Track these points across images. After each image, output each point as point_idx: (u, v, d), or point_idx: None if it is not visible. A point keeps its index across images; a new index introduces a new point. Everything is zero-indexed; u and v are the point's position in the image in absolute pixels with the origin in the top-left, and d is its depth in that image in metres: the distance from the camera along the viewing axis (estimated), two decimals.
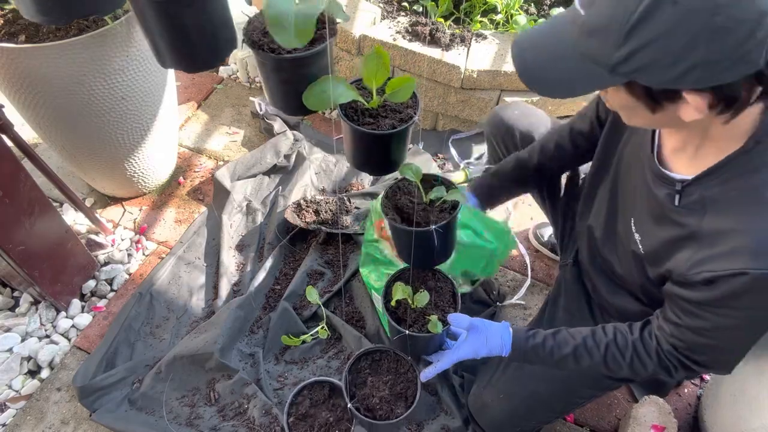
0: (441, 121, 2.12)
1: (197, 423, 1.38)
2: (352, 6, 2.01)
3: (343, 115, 0.88)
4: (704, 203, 0.78)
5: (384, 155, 0.93)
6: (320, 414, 1.20)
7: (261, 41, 0.78)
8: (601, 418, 1.46)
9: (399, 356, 1.18)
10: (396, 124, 0.88)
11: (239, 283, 1.68)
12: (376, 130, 0.86)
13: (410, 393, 1.14)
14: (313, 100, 0.81)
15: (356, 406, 1.10)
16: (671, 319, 0.86)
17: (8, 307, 1.59)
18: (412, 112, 0.90)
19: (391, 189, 1.07)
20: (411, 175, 0.99)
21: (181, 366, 1.45)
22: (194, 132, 2.12)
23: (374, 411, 1.11)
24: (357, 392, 1.14)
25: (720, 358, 0.86)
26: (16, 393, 1.44)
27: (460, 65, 1.86)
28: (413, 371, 1.17)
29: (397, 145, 0.91)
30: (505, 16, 2.08)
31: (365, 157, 0.95)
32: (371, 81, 0.87)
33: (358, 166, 0.98)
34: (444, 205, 1.03)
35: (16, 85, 1.37)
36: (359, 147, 0.92)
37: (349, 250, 1.75)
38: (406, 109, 0.91)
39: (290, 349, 1.53)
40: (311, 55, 0.78)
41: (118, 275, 1.68)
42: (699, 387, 1.51)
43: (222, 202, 1.85)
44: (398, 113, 0.91)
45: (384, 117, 0.89)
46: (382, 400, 1.12)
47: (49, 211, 1.43)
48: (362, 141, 0.90)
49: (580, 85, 0.71)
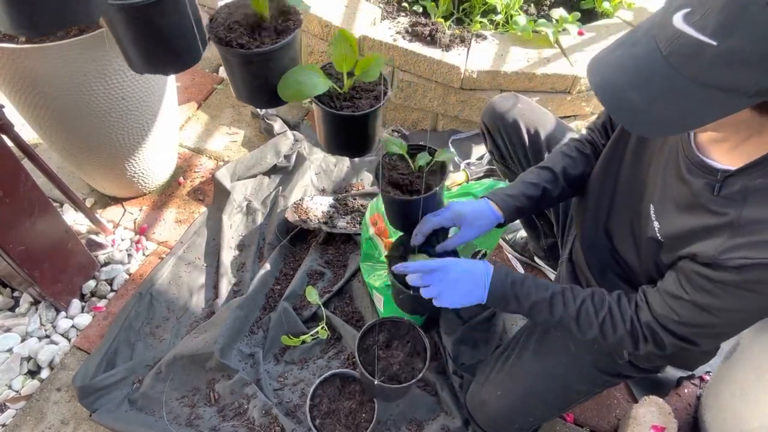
0: (441, 122, 2.12)
1: (197, 423, 1.38)
2: (352, 6, 2.01)
3: (321, 104, 0.88)
4: (746, 193, 0.78)
5: (365, 135, 0.94)
6: (342, 406, 1.24)
7: (228, 37, 0.78)
8: (601, 418, 1.46)
9: (396, 321, 1.21)
10: (373, 103, 0.89)
11: (239, 283, 1.68)
12: (357, 111, 0.87)
13: (420, 348, 1.18)
14: (289, 92, 0.81)
15: (381, 380, 1.13)
16: (673, 292, 0.86)
17: (8, 307, 1.59)
18: (384, 88, 0.91)
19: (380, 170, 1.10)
20: (397, 149, 1.05)
21: (181, 366, 1.45)
22: (194, 132, 2.12)
23: (398, 377, 1.14)
24: (374, 369, 1.16)
25: (711, 335, 0.88)
26: (16, 393, 1.44)
27: (460, 66, 1.86)
28: (414, 328, 1.22)
29: (375, 122, 0.93)
30: (505, 17, 2.08)
31: (345, 140, 0.96)
32: (342, 65, 0.87)
33: (338, 151, 0.99)
34: (433, 167, 1.07)
35: (17, 86, 1.37)
36: (341, 131, 0.94)
37: (349, 250, 1.75)
38: (377, 86, 0.93)
39: (290, 349, 1.53)
40: (280, 48, 0.78)
41: (118, 275, 1.68)
42: (699, 387, 1.51)
43: (222, 202, 1.85)
44: (371, 92, 0.92)
45: (359, 98, 0.91)
46: (402, 363, 1.15)
47: (49, 211, 1.43)
48: (344, 125, 0.91)
49: (697, 116, 0.67)
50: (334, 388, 1.26)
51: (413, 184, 1.06)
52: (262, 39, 0.80)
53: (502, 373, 1.21)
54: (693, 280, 0.84)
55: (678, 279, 0.87)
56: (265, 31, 0.81)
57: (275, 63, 0.81)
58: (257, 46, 0.78)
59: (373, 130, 0.94)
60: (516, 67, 1.88)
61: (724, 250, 0.78)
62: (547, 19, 2.05)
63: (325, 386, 1.28)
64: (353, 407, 1.25)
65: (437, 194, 1.08)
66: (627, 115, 0.71)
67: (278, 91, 0.82)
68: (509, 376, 1.20)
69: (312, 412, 1.25)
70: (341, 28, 1.02)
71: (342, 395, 1.27)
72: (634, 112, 0.69)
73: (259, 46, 0.78)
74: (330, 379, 1.29)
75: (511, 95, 1.41)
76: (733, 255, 0.77)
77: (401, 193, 1.06)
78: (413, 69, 1.94)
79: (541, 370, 1.17)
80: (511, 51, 1.94)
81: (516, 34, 1.99)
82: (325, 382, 1.27)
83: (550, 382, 1.16)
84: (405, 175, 1.08)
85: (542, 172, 1.15)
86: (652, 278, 0.98)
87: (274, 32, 0.82)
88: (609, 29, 2.04)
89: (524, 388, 1.17)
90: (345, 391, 1.28)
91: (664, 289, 0.89)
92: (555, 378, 1.16)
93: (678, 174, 0.88)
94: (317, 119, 0.93)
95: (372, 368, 1.15)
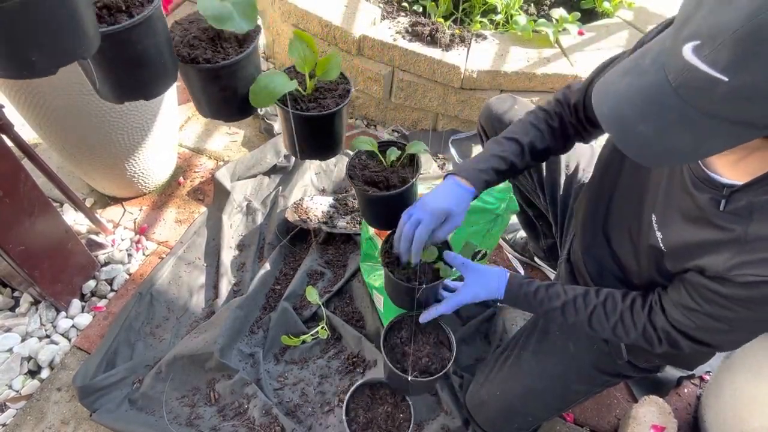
0: (441, 122, 2.12)
1: (197, 423, 1.38)
2: (352, 6, 2.01)
3: (285, 108, 0.87)
4: (752, 209, 0.76)
5: (334, 134, 0.94)
6: (378, 412, 1.25)
7: (192, 54, 0.77)
8: (601, 418, 1.46)
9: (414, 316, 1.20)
10: (338, 101, 0.89)
11: (239, 283, 1.68)
12: (324, 111, 0.87)
13: (443, 337, 1.19)
14: (260, 98, 0.81)
15: (415, 375, 1.13)
16: (686, 304, 0.86)
17: (8, 307, 1.59)
18: (347, 86, 0.91)
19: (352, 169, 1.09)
20: (368, 146, 1.05)
21: (181, 366, 1.45)
22: (194, 132, 2.12)
23: (429, 369, 1.15)
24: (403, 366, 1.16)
25: (729, 341, 0.89)
26: (16, 393, 1.44)
27: (460, 65, 1.86)
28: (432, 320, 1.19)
29: (341, 120, 0.93)
30: (505, 17, 2.08)
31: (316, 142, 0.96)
32: (303, 66, 0.87)
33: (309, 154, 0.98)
34: (405, 161, 1.08)
35: (17, 85, 1.37)
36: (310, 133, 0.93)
37: (349, 250, 1.75)
38: (339, 85, 0.92)
39: (290, 349, 1.53)
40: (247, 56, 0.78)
41: (118, 275, 1.68)
42: (699, 387, 1.51)
43: (222, 202, 1.85)
44: (334, 91, 0.92)
45: (323, 98, 0.90)
46: (430, 355, 1.16)
47: (49, 211, 1.43)
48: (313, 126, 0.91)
49: (706, 147, 0.66)
50: (364, 397, 1.27)
51: (388, 180, 1.05)
52: (226, 51, 0.79)
53: (502, 373, 1.21)
54: (703, 294, 0.83)
55: (688, 292, 0.86)
56: (227, 41, 0.80)
57: (242, 72, 0.80)
58: (223, 59, 0.77)
59: (342, 129, 0.95)
60: (516, 67, 1.88)
61: (731, 267, 0.77)
62: (547, 18, 2.05)
63: (356, 398, 1.28)
64: (389, 410, 1.26)
65: (412, 187, 1.07)
66: (635, 147, 0.69)
67: (251, 101, 0.82)
68: (508, 375, 1.20)
69: (351, 426, 1.25)
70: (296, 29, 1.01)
71: (374, 402, 1.28)
72: (642, 145, 0.68)
73: (225, 57, 0.77)
74: (359, 389, 1.29)
75: (509, 96, 1.40)
76: (743, 272, 0.76)
77: (378, 190, 1.05)
78: (413, 69, 1.94)
79: (540, 370, 1.17)
80: (511, 51, 1.94)
81: (516, 33, 1.99)
82: (355, 394, 1.28)
83: (549, 382, 1.17)
84: (377, 172, 1.07)
85: (510, 143, 1.10)
86: (652, 281, 0.98)
87: (236, 42, 0.80)
88: (609, 29, 2.04)
89: (523, 387, 1.17)
90: (376, 397, 1.28)
91: (677, 300, 0.89)
92: (554, 378, 1.16)
93: (683, 186, 0.87)
94: (283, 125, 0.92)
95: (401, 366, 1.15)
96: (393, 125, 2.16)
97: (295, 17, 2.04)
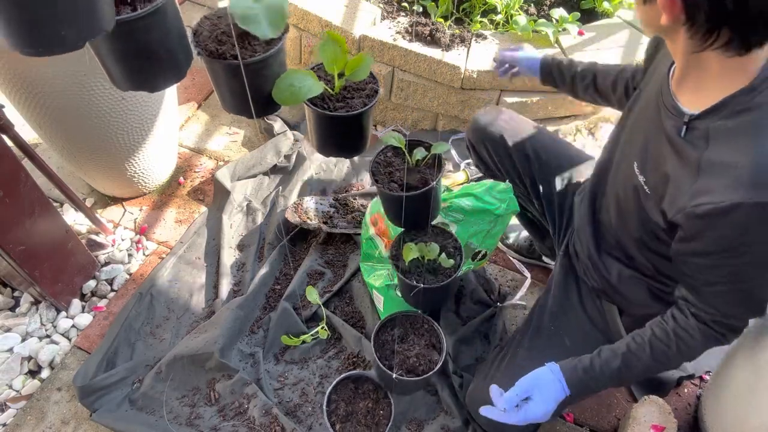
0: (441, 122, 2.12)
1: (197, 423, 1.38)
2: (352, 6, 2.01)
3: (314, 107, 0.88)
4: (707, 136, 0.79)
5: (361, 134, 0.95)
6: (358, 406, 1.25)
7: (219, 50, 0.77)
8: (600, 418, 1.46)
9: (410, 315, 1.20)
10: (366, 101, 0.89)
11: (239, 283, 1.68)
12: (352, 111, 0.88)
13: (435, 340, 1.20)
14: (285, 96, 0.81)
15: (399, 373, 1.13)
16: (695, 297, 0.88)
17: (8, 307, 1.59)
18: (375, 86, 0.92)
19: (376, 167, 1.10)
20: (395, 142, 1.06)
21: (182, 366, 1.45)
22: (194, 132, 2.12)
23: (416, 369, 1.15)
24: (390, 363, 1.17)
25: (752, 305, 0.87)
26: (16, 393, 1.44)
27: (460, 65, 1.86)
28: (428, 321, 1.22)
29: (368, 120, 0.93)
30: (505, 17, 2.08)
31: (342, 141, 0.96)
32: (333, 67, 0.88)
33: (335, 153, 0.99)
34: (429, 161, 1.09)
35: (17, 85, 1.37)
36: (337, 133, 0.94)
37: (349, 250, 1.75)
38: (367, 85, 0.93)
39: (290, 349, 1.53)
40: (275, 54, 0.78)
41: (118, 275, 1.68)
42: (699, 387, 1.51)
43: (222, 202, 1.85)
44: (362, 90, 0.92)
45: (351, 98, 0.91)
46: (418, 356, 1.16)
47: (49, 211, 1.43)
48: (341, 126, 0.91)
49: None
50: (348, 390, 1.27)
51: (415, 179, 1.07)
52: (254, 48, 0.80)
53: (500, 372, 1.21)
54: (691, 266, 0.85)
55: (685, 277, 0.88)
56: (255, 38, 0.80)
57: (268, 70, 0.81)
58: (250, 55, 0.77)
59: (368, 128, 0.96)
60: None
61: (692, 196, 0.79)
62: (547, 19, 2.05)
63: (339, 390, 1.28)
64: (370, 406, 1.26)
65: (436, 188, 1.08)
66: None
67: (273, 96, 0.82)
68: (507, 374, 1.20)
69: (330, 418, 1.25)
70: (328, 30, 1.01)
71: (357, 396, 1.28)
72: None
73: (252, 55, 0.77)
74: (343, 382, 1.29)
75: (493, 108, 1.44)
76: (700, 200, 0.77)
77: (399, 189, 1.07)
78: (413, 69, 1.94)
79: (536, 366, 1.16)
80: None
81: (516, 34, 1.99)
82: (338, 386, 1.28)
83: None
84: (401, 170, 1.08)
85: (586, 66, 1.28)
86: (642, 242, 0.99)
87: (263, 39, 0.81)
88: (609, 29, 2.04)
89: None
90: (359, 391, 1.29)
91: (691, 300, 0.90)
92: None
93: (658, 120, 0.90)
94: (310, 123, 0.93)
95: (389, 363, 1.15)
96: (393, 125, 2.16)
97: (296, 17, 2.05)
